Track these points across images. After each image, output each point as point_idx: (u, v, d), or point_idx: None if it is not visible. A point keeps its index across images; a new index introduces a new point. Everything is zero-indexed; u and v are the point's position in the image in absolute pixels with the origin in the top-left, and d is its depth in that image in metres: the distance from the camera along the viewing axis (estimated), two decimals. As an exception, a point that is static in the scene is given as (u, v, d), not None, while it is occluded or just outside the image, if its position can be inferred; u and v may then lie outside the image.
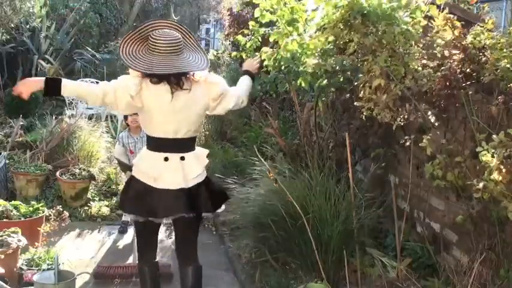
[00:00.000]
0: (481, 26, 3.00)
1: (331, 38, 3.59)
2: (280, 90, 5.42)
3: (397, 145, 4.29)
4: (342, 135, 4.40)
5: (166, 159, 2.93)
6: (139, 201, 2.96)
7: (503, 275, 2.88)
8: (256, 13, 4.36)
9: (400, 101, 3.29)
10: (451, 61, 3.05)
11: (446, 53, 3.11)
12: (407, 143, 3.36)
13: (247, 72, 3.36)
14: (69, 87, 2.84)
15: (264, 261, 4.03)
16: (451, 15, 3.25)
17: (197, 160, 3.02)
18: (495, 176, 2.49)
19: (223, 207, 3.16)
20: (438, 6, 3.48)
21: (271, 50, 4.32)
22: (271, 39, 4.34)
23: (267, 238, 3.98)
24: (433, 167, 3.04)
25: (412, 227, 4.09)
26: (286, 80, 4.65)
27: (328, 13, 3.43)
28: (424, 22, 3.47)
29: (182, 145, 2.97)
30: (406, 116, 3.22)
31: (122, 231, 5.08)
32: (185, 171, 2.94)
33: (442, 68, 3.07)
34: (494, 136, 2.56)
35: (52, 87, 2.81)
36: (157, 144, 2.96)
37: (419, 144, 3.09)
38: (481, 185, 2.57)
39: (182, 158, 2.95)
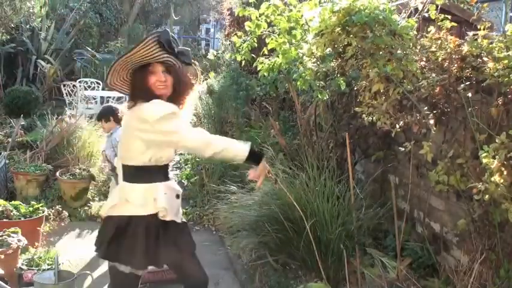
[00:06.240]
0: (475, 34, 2.99)
1: (327, 44, 3.52)
2: (280, 90, 5.42)
3: (397, 145, 4.30)
4: (342, 135, 4.40)
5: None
6: None
7: (503, 275, 2.88)
8: (249, 26, 4.14)
9: (400, 109, 3.28)
10: (450, 67, 3.04)
11: (444, 61, 3.11)
12: (408, 148, 3.35)
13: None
14: None
15: (264, 261, 4.03)
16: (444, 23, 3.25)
17: None
18: (496, 178, 2.48)
19: None
20: (437, 7, 3.48)
21: (267, 59, 4.28)
22: (269, 47, 4.26)
23: (267, 238, 3.98)
24: (437, 174, 3.03)
25: (412, 227, 4.09)
26: (286, 80, 4.63)
27: (325, 18, 3.41)
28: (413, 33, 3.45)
29: None
30: (406, 121, 3.21)
31: None
32: None
33: (441, 77, 3.06)
34: (497, 139, 2.55)
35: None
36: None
37: (420, 152, 3.08)
38: (482, 187, 2.57)
39: None
